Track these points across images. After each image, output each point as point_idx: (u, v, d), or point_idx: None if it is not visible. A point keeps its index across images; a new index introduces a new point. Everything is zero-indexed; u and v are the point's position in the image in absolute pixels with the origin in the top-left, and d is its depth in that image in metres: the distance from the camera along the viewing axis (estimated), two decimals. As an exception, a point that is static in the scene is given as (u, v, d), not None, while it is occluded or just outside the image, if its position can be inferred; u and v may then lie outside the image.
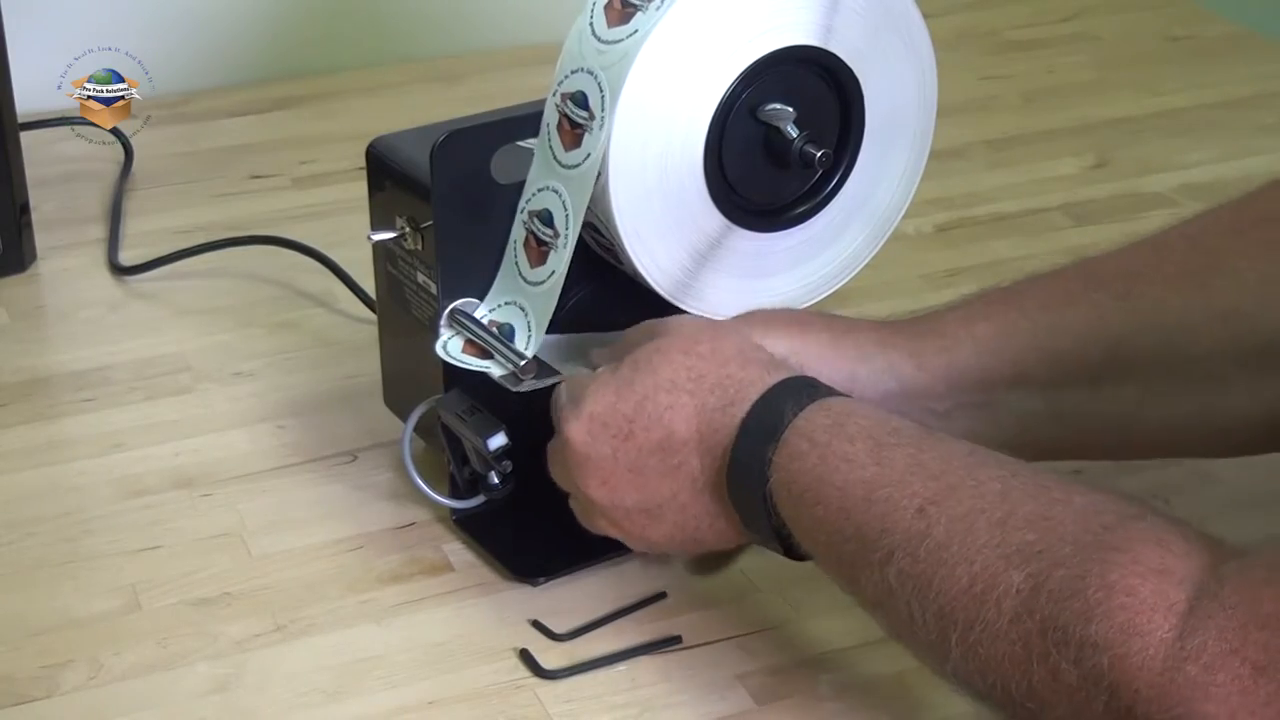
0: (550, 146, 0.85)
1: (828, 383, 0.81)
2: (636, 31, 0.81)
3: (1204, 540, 0.68)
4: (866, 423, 0.77)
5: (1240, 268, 0.85)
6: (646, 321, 0.86)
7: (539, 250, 0.86)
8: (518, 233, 0.87)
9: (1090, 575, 0.66)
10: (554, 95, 0.84)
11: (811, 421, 0.77)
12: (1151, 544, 0.66)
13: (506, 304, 0.88)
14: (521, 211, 0.86)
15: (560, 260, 0.85)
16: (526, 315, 0.87)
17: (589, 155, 0.83)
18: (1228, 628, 0.63)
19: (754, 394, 0.79)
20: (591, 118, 0.82)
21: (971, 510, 0.71)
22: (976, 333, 0.88)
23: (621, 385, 0.82)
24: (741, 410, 0.79)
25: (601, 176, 0.83)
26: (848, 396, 0.80)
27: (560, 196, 0.84)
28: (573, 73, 0.83)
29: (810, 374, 0.82)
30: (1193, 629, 0.64)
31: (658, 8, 0.81)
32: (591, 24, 0.82)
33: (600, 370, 0.84)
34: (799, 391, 0.79)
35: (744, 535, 0.82)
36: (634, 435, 0.81)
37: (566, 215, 0.84)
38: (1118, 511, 0.69)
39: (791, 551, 0.79)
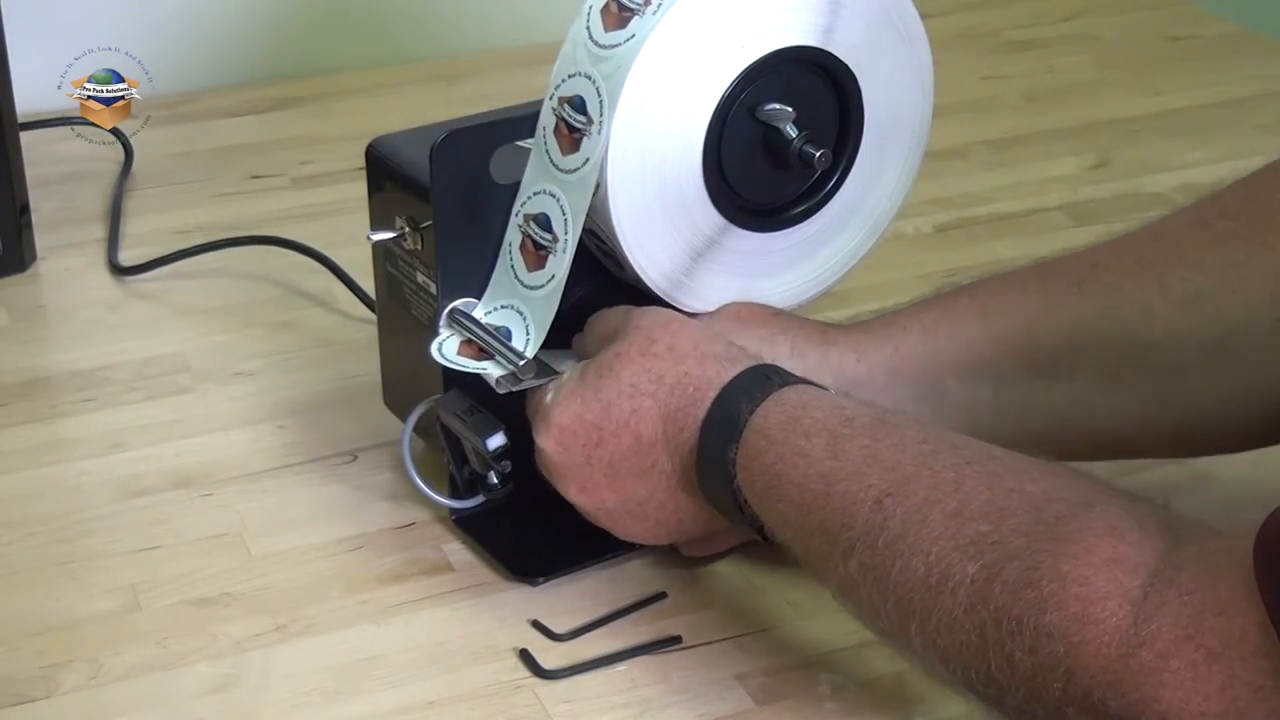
0: (547, 150, 0.85)
1: None
2: (634, 37, 0.81)
3: (1160, 522, 0.68)
4: (821, 414, 0.77)
5: (1202, 258, 0.85)
6: (604, 311, 0.87)
7: (537, 254, 0.86)
8: (512, 236, 0.87)
9: (1043, 567, 0.67)
10: (551, 99, 0.84)
11: (767, 418, 0.78)
12: (1104, 534, 0.67)
13: (503, 307, 0.88)
14: (516, 215, 0.86)
15: (560, 265, 0.84)
16: (525, 319, 0.87)
17: (587, 160, 0.83)
18: (1183, 614, 0.64)
19: (711, 392, 0.80)
20: (590, 123, 0.82)
21: (926, 501, 0.72)
22: (925, 320, 0.88)
23: (586, 393, 0.83)
24: (701, 410, 0.80)
25: (600, 178, 0.83)
26: (804, 383, 0.80)
27: (558, 201, 0.84)
28: (570, 77, 0.83)
29: None
30: (1147, 616, 0.65)
31: (654, 11, 0.81)
32: (588, 28, 0.82)
33: (565, 378, 0.85)
34: (754, 386, 0.80)
35: (717, 519, 0.84)
36: (604, 442, 0.83)
37: (565, 220, 0.84)
38: (1069, 499, 0.70)
39: (772, 539, 0.80)
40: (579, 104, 0.83)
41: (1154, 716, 0.65)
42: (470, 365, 0.87)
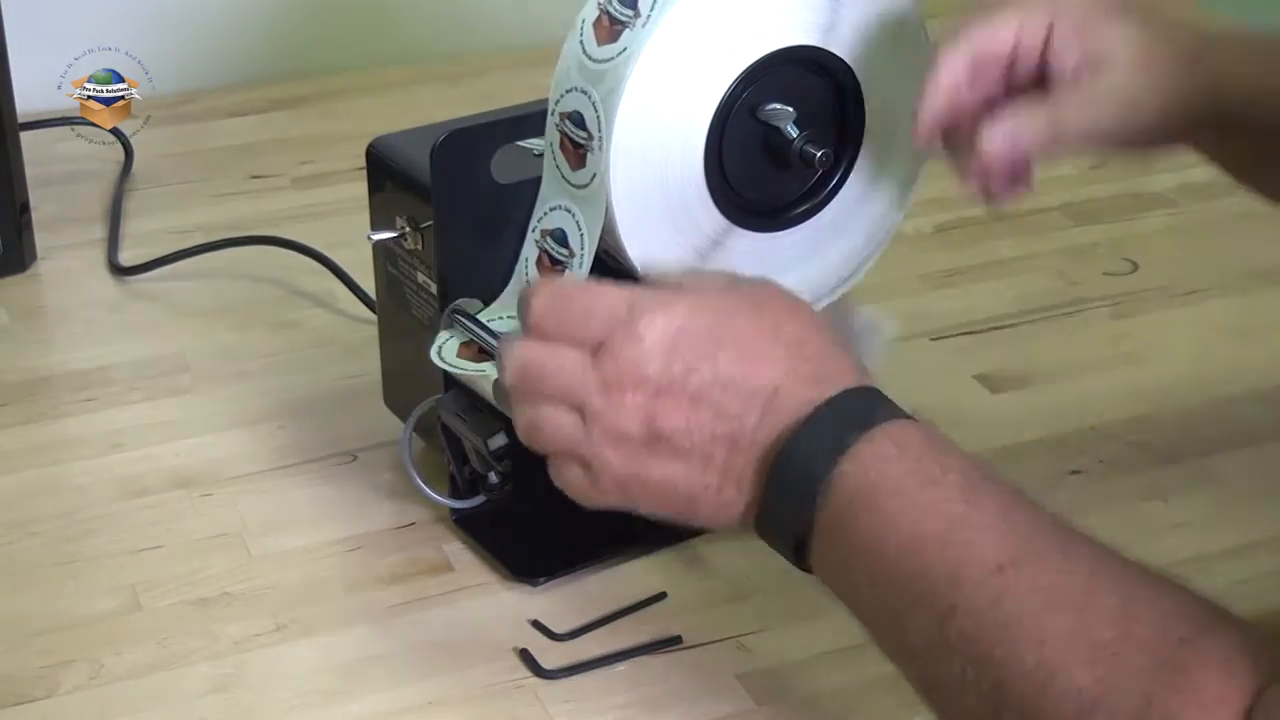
0: (557, 165, 0.85)
1: None
2: (625, 50, 0.81)
3: (1269, 654, 0.63)
4: (961, 457, 0.71)
5: None
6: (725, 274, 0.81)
7: (553, 269, 0.86)
8: (529, 251, 0.87)
9: (1155, 699, 0.62)
10: (553, 114, 0.84)
11: (906, 430, 0.71)
12: (1219, 666, 0.62)
13: (511, 317, 0.87)
14: (533, 230, 0.86)
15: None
16: None
17: (595, 175, 0.83)
18: None
19: (849, 381, 0.73)
20: (590, 137, 0.82)
21: (1053, 585, 0.66)
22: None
23: (721, 311, 0.75)
24: (831, 390, 0.72)
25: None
26: (932, 426, 0.74)
27: (574, 216, 0.84)
28: (567, 92, 0.83)
29: None
30: None
31: (644, 24, 0.81)
32: (582, 43, 0.82)
33: (697, 284, 0.78)
34: (888, 402, 0.73)
35: (744, 521, 0.75)
36: (716, 363, 0.73)
37: (581, 235, 0.84)
38: (1196, 622, 0.64)
39: (801, 557, 0.73)
40: (578, 119, 0.83)
41: None
42: (470, 368, 0.87)
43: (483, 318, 0.88)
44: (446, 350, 0.88)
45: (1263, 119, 0.85)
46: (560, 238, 0.85)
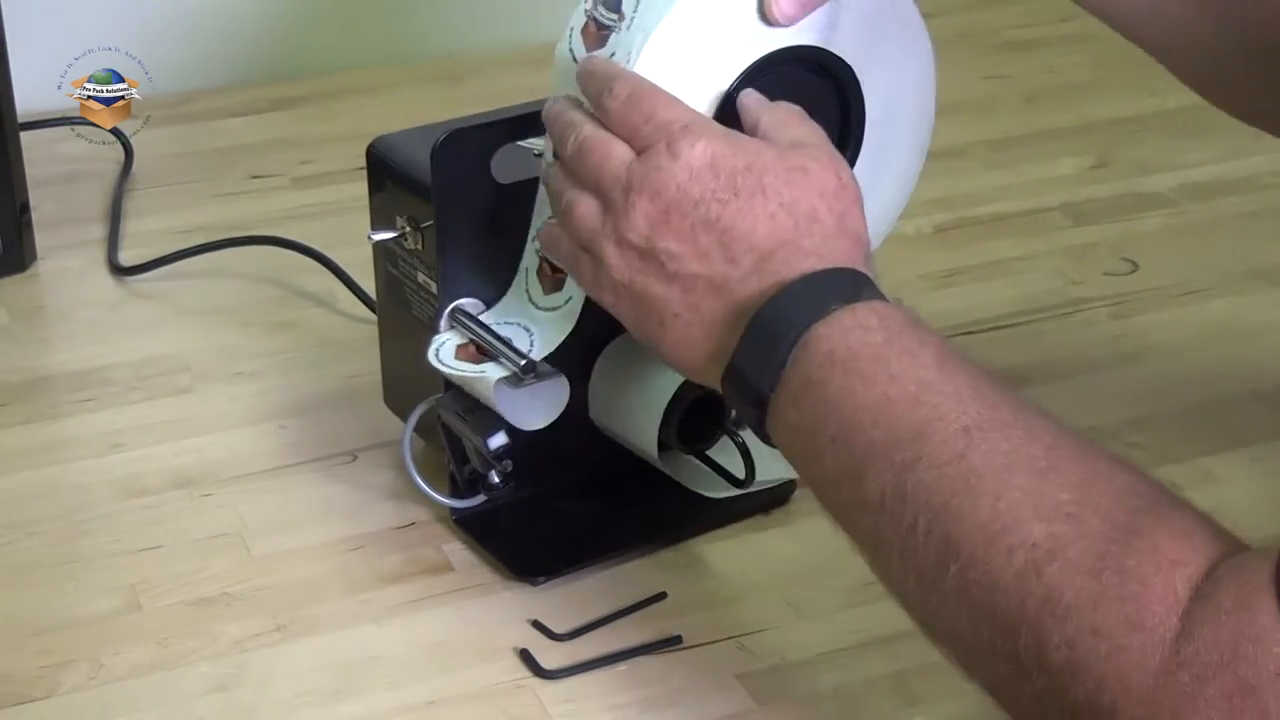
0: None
1: None
2: (613, 54, 0.81)
3: (1225, 538, 0.65)
4: (941, 338, 0.73)
5: None
6: (799, 118, 0.81)
7: (554, 278, 0.86)
8: (529, 260, 0.87)
9: (1110, 554, 0.63)
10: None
11: (890, 308, 0.73)
12: (1176, 533, 0.64)
13: (510, 323, 0.87)
14: (533, 240, 0.86)
15: (575, 287, 0.84)
16: (531, 336, 0.87)
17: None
18: (1220, 636, 0.61)
19: (844, 262, 0.75)
20: None
21: (1017, 448, 0.67)
22: None
23: (755, 160, 0.76)
24: (823, 264, 0.74)
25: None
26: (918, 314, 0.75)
27: None
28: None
29: None
30: (1188, 633, 0.62)
31: (628, 27, 0.81)
32: (571, 49, 0.82)
33: (763, 125, 0.79)
34: (883, 295, 0.75)
35: (708, 368, 0.77)
36: (726, 206, 0.75)
37: None
38: (1153, 496, 0.66)
39: (762, 421, 0.74)
40: None
41: None
42: (469, 370, 0.87)
43: (485, 319, 0.88)
44: (444, 352, 0.88)
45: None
46: None
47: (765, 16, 0.82)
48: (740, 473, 0.92)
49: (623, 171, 0.77)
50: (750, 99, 0.81)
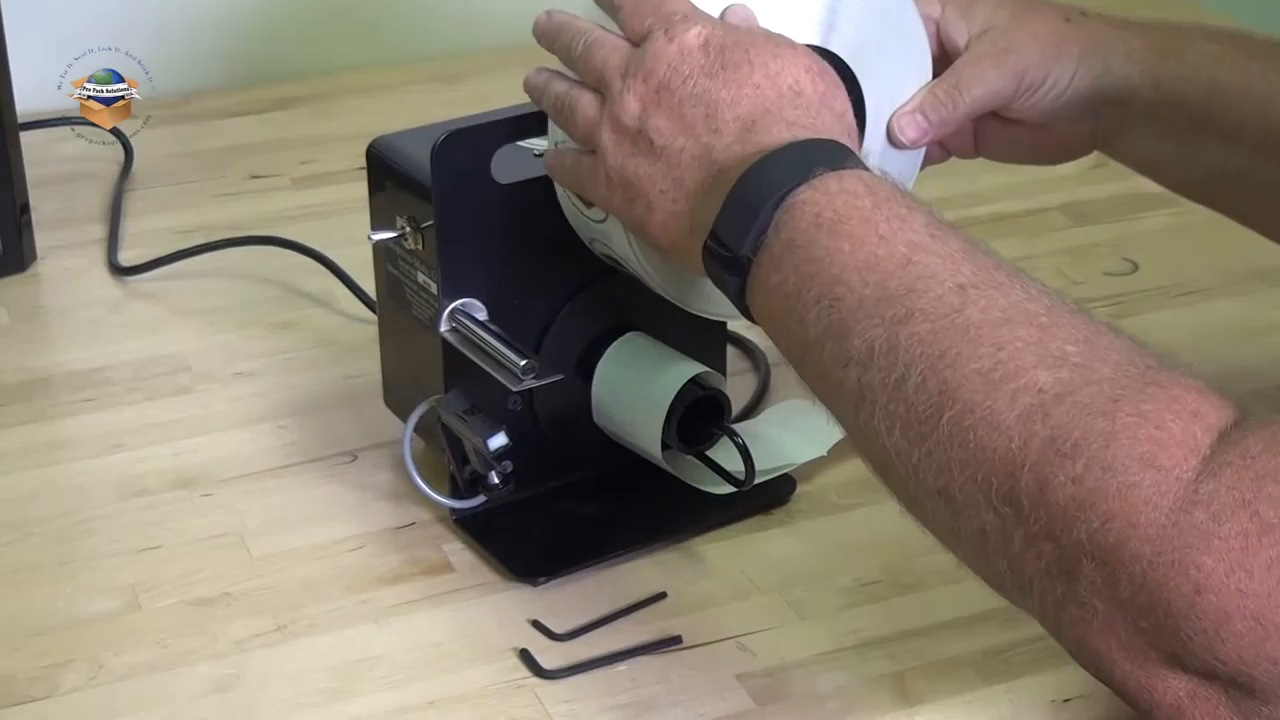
0: (575, 204, 0.85)
1: None
2: None
3: (1239, 404, 0.64)
4: (928, 207, 0.72)
5: None
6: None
7: None
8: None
9: (1124, 399, 0.62)
10: (554, 149, 0.84)
11: (875, 176, 0.72)
12: (1191, 389, 0.63)
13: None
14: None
15: None
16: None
17: (607, 214, 0.83)
18: (1244, 477, 0.60)
19: (827, 134, 0.74)
20: None
21: (1016, 304, 0.66)
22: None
23: (743, 39, 0.77)
24: (807, 134, 0.74)
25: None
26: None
27: (609, 247, 0.86)
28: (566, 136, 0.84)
29: None
30: (1209, 474, 0.60)
31: None
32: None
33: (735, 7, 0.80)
34: (867, 167, 0.74)
35: (688, 242, 0.76)
36: (713, 78, 0.76)
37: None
38: (1161, 360, 0.65)
39: (743, 288, 0.73)
40: None
41: (1187, 584, 0.59)
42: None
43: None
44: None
45: (1165, 109, 0.90)
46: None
47: (891, 139, 0.88)
48: (740, 474, 0.92)
49: (623, 60, 0.78)
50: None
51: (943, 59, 0.89)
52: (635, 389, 0.91)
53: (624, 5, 0.79)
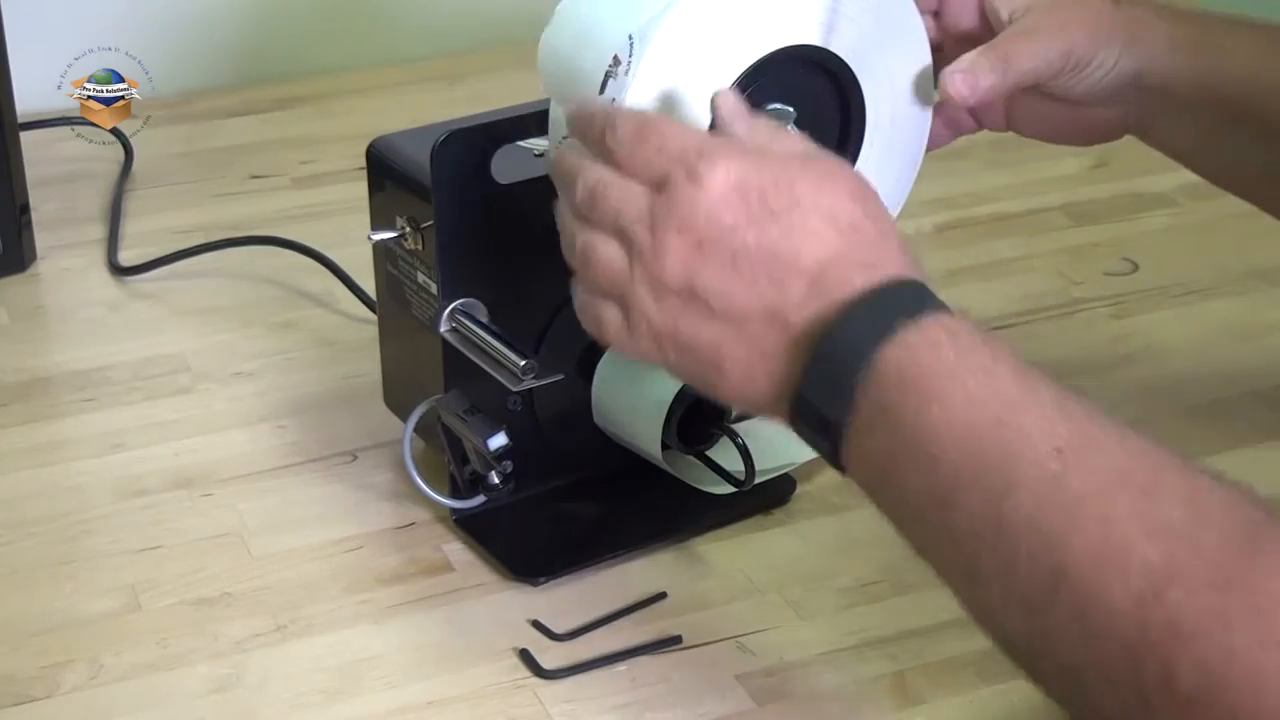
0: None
1: None
2: (614, 100, 0.81)
3: None
4: (1009, 350, 0.68)
5: None
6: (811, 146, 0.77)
7: None
8: None
9: (1233, 571, 0.60)
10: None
11: (956, 321, 0.68)
12: None
13: None
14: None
15: None
16: None
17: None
18: None
19: (901, 272, 0.70)
20: None
21: (1115, 467, 0.64)
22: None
23: (784, 177, 0.71)
24: (880, 276, 0.69)
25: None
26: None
27: None
28: (565, 139, 0.83)
29: None
30: None
31: (626, 72, 0.81)
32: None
33: (774, 142, 0.75)
34: (943, 302, 0.70)
35: (774, 403, 0.71)
36: (765, 228, 0.70)
37: None
38: (1265, 509, 0.62)
39: (836, 451, 0.69)
40: None
41: None
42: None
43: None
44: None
45: (1204, 101, 0.90)
46: None
47: (940, 92, 0.87)
48: (740, 474, 0.92)
49: (644, 209, 0.72)
50: (726, 103, 0.76)
51: (983, 30, 0.90)
52: (635, 389, 0.91)
53: (621, 145, 0.73)
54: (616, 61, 0.81)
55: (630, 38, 0.81)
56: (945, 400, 0.66)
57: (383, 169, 0.92)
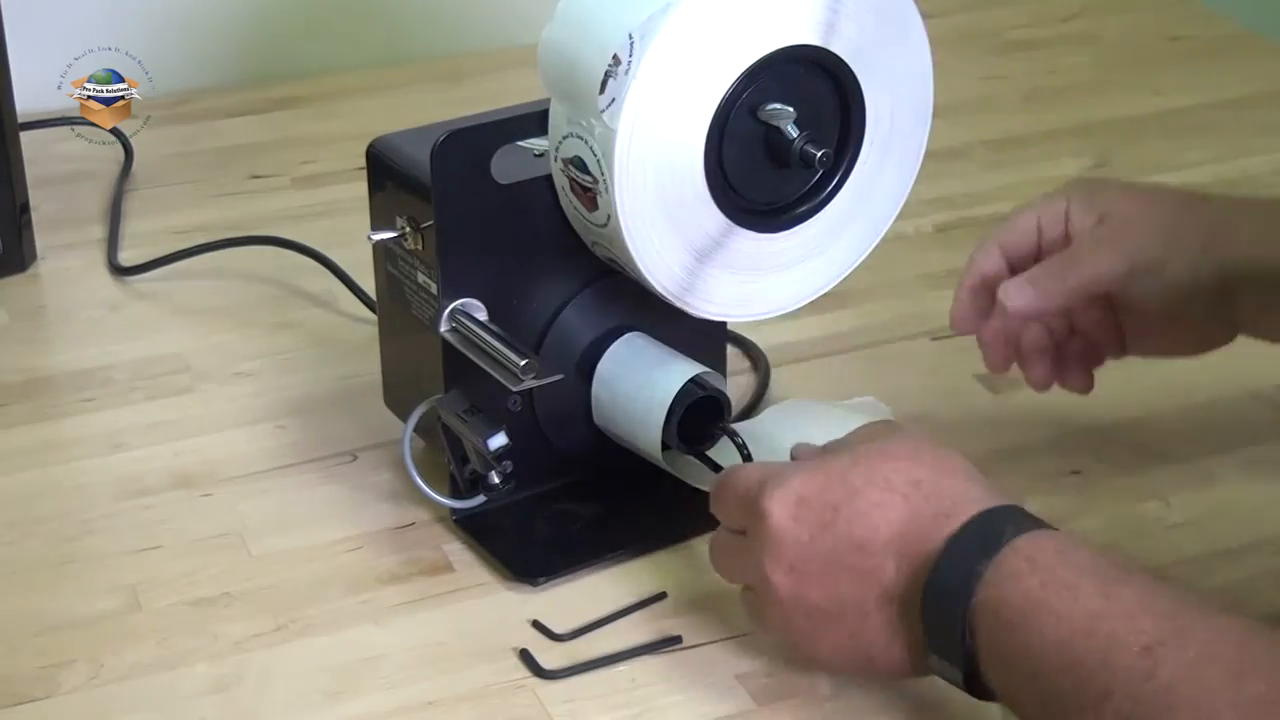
0: (576, 209, 0.86)
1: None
2: (614, 100, 0.81)
3: None
4: (1092, 556, 0.73)
5: None
6: (867, 425, 0.84)
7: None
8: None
9: None
10: (555, 160, 0.85)
11: (1034, 544, 0.73)
12: None
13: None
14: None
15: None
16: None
17: (610, 216, 0.83)
18: None
19: (972, 509, 0.75)
20: (595, 181, 0.83)
21: (1203, 656, 0.67)
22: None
23: (834, 473, 0.78)
24: (956, 522, 0.75)
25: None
26: (1069, 534, 0.76)
27: (610, 250, 0.86)
28: (565, 138, 0.84)
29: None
30: None
31: (627, 72, 0.81)
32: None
33: (811, 453, 0.82)
34: (1020, 517, 0.75)
35: (919, 664, 0.78)
36: (835, 525, 0.77)
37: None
38: None
39: (974, 683, 0.75)
40: (580, 164, 0.84)
41: None
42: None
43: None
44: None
45: None
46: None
47: (1001, 302, 0.90)
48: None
49: (747, 559, 0.80)
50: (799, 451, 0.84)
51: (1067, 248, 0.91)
52: (635, 389, 0.91)
53: (717, 509, 0.83)
54: (617, 61, 0.81)
55: (630, 36, 0.81)
56: (1038, 627, 0.71)
57: (383, 169, 0.92)
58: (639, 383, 0.91)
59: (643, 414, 0.91)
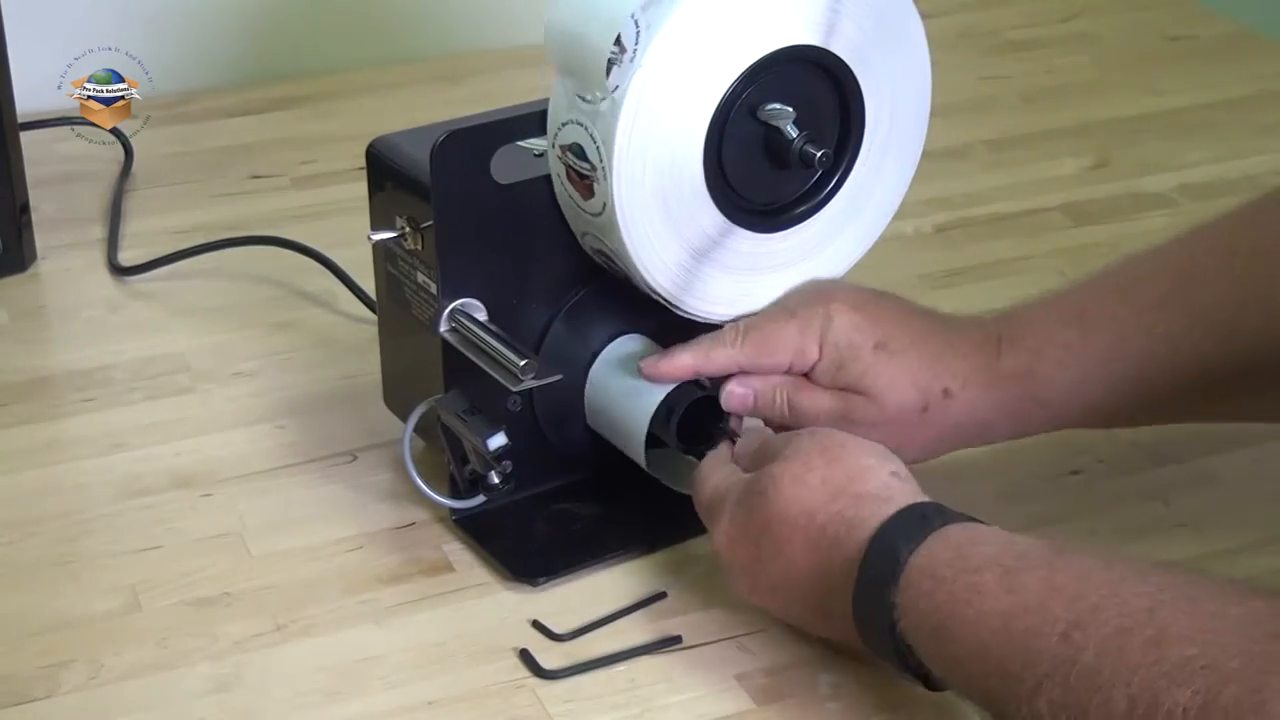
0: (571, 196, 0.85)
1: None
2: (617, 87, 0.81)
3: None
4: (991, 549, 0.74)
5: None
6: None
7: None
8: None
9: (1267, 688, 0.62)
10: (554, 147, 0.85)
11: (932, 557, 0.75)
12: None
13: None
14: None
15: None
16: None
17: (605, 204, 0.83)
18: None
19: (863, 534, 0.77)
20: (594, 169, 0.83)
21: (1119, 630, 0.67)
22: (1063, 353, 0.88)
23: (744, 511, 0.82)
24: (853, 552, 0.77)
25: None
26: (967, 519, 0.77)
27: (601, 241, 0.86)
28: (564, 125, 0.84)
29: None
30: None
31: (631, 60, 0.81)
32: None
33: (732, 485, 0.84)
34: (912, 527, 0.76)
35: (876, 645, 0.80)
36: (762, 560, 0.81)
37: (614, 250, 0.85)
38: (1277, 621, 0.65)
39: (932, 684, 0.77)
40: (579, 151, 0.83)
41: None
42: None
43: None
44: None
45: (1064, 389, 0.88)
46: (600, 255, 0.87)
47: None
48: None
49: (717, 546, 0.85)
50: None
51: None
52: (622, 396, 0.91)
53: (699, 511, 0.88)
54: (621, 47, 0.81)
55: (633, 17, 0.81)
56: (958, 638, 0.72)
57: (383, 169, 0.92)
58: (627, 389, 0.91)
59: (630, 420, 0.91)
